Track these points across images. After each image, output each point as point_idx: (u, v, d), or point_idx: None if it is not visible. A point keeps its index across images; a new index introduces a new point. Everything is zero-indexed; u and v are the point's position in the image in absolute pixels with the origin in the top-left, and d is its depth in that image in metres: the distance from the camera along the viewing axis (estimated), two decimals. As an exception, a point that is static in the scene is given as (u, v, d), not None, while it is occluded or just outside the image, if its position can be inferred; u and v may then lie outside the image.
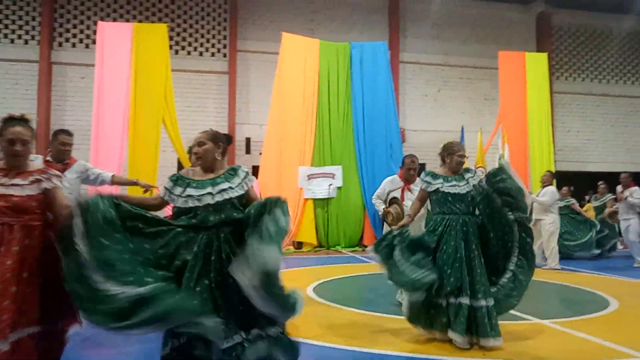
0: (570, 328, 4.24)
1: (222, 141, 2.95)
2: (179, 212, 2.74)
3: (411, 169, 5.21)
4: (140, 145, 9.98)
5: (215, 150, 2.86)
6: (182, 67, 13.02)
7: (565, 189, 10.31)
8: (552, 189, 8.41)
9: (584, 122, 15.85)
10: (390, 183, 5.30)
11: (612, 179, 13.90)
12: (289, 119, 11.32)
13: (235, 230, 2.67)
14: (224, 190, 2.73)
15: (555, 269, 7.92)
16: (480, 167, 9.20)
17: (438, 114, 14.66)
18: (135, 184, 4.76)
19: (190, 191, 2.72)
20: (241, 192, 2.77)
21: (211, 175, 2.82)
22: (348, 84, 12.02)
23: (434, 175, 4.00)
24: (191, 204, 2.68)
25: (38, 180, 2.60)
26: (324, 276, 7.42)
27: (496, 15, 15.40)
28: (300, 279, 7.34)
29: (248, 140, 13.19)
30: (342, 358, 3.58)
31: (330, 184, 11.15)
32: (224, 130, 13.17)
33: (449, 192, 3.88)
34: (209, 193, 2.70)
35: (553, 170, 12.78)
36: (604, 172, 15.58)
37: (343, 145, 11.70)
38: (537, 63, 13.28)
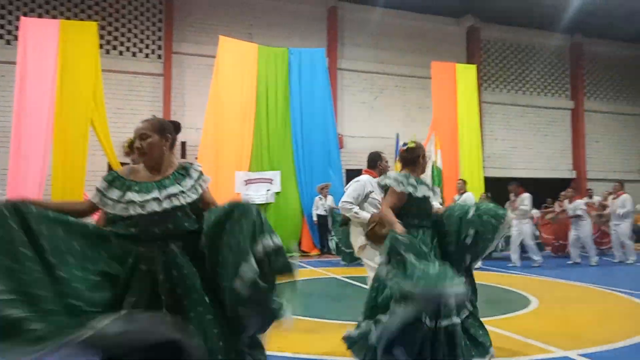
0: (495, 326, 4.44)
1: (170, 132, 2.45)
2: (113, 218, 2.26)
3: (385, 170, 4.50)
4: (66, 148, 9.46)
5: (162, 143, 2.36)
6: (114, 68, 12.52)
7: (482, 195, 10.96)
8: (470, 195, 8.97)
9: (509, 131, 16.77)
10: (370, 184, 4.37)
11: (536, 185, 14.78)
12: (226, 123, 11.16)
13: (187, 244, 2.24)
14: (173, 195, 2.26)
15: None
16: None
17: (374, 121, 14.99)
18: None
19: (131, 195, 2.22)
20: (194, 196, 2.32)
21: (157, 177, 2.33)
22: (286, 89, 12.04)
23: (417, 180, 3.35)
24: (132, 211, 2.19)
25: None
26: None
27: (430, 28, 16.01)
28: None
29: (183, 144, 12.86)
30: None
31: (268, 190, 11.10)
32: (158, 133, 12.75)
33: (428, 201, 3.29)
34: (155, 199, 2.22)
35: (482, 176, 13.46)
36: (528, 177, 16.57)
37: (281, 151, 11.69)
38: (467, 74, 13.93)
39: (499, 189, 12.54)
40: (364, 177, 4.46)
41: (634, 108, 18.81)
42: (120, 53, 12.93)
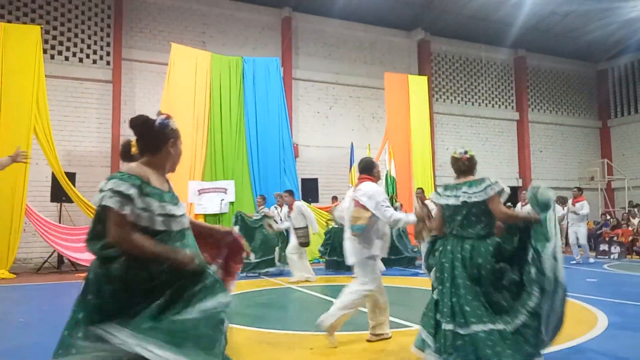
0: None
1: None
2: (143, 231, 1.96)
3: (379, 176, 4.55)
4: (5, 155, 8.95)
5: None
6: (60, 74, 12.03)
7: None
8: (429, 202, 9.18)
9: (459, 141, 17.30)
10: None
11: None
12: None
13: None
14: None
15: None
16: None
17: (329, 131, 15.10)
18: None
19: (170, 208, 2.01)
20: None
21: (166, 186, 2.14)
22: (240, 98, 11.93)
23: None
24: (175, 227, 1.99)
25: None
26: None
27: (382, 40, 16.34)
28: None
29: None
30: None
31: (222, 199, 10.91)
32: (106, 143, 12.34)
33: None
34: (184, 215, 2.08)
35: (433, 184, 13.78)
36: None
37: (235, 160, 11.55)
38: (418, 85, 14.30)
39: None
40: (373, 184, 4.35)
41: (573, 120, 19.87)
42: (66, 58, 12.44)
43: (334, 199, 12.35)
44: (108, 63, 12.76)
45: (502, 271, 3.16)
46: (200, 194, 10.91)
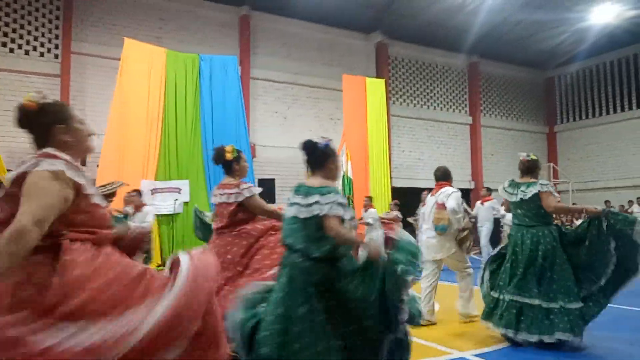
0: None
1: None
2: None
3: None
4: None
5: None
6: (4, 66, 11.46)
7: (391, 203, 11.57)
8: (374, 211, 9.61)
9: (415, 144, 17.64)
10: None
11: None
12: (130, 129, 10.59)
13: None
14: None
15: None
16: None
17: (287, 131, 15.04)
18: None
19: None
20: None
21: None
22: (197, 96, 11.69)
23: None
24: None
25: None
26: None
27: (341, 41, 16.44)
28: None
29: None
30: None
31: (176, 199, 10.65)
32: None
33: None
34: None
35: (389, 185, 13.99)
36: (431, 188, 17.48)
37: (190, 159, 11.30)
38: (376, 88, 14.47)
39: (405, 198, 13.10)
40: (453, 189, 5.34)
41: (523, 125, 20.66)
42: (11, 50, 11.83)
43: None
44: (56, 56, 12.23)
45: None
46: (153, 194, 10.60)
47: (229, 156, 3.69)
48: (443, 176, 5.43)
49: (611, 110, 19.33)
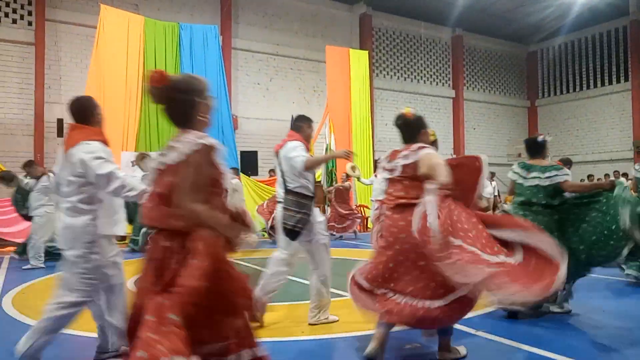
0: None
1: None
2: None
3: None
4: None
5: None
6: (-27, 33, 11.01)
7: (374, 175, 11.76)
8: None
9: (398, 117, 17.61)
10: None
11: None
12: (108, 99, 10.34)
13: None
14: None
15: None
16: None
17: (269, 103, 14.87)
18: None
19: None
20: None
21: None
22: (177, 66, 11.45)
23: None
24: None
25: None
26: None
27: (324, 12, 16.16)
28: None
29: (60, 121, 11.71)
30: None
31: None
32: (29, 110, 11.52)
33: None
34: None
35: (372, 158, 14.02)
36: (414, 161, 17.57)
37: (171, 130, 11.03)
38: (359, 59, 14.33)
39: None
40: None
41: (505, 99, 20.77)
42: (-19, 16, 11.37)
43: (272, 171, 12.28)
44: (30, 23, 11.79)
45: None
46: (134, 165, 10.45)
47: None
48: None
49: (591, 84, 19.53)
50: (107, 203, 2.97)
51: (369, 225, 14.05)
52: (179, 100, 2.01)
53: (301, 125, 3.99)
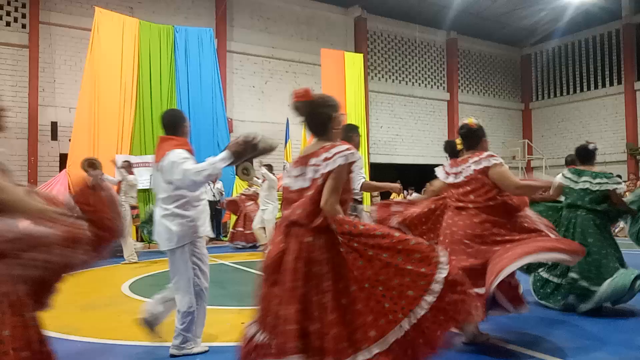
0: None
1: None
2: None
3: None
4: None
5: None
6: (-34, 36, 10.95)
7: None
8: None
9: (393, 119, 17.67)
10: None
11: (417, 170, 15.75)
12: (103, 102, 10.33)
13: None
14: None
15: None
16: None
17: (265, 106, 14.88)
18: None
19: None
20: None
21: None
22: (172, 69, 11.45)
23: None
24: None
25: None
26: (142, 272, 6.97)
27: (319, 15, 16.19)
28: (115, 275, 6.79)
29: (54, 124, 11.68)
30: (166, 356, 3.34)
31: (152, 174, 10.49)
32: (23, 112, 11.46)
33: None
34: None
35: (367, 161, 14.03)
36: (409, 164, 17.64)
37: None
38: (354, 62, 14.36)
39: (383, 174, 13.18)
40: None
41: (499, 102, 20.86)
42: (-26, 19, 11.32)
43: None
44: (24, 26, 11.75)
45: None
46: (119, 168, 10.42)
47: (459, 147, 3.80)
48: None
49: (585, 87, 19.64)
50: (199, 208, 3.28)
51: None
52: (318, 114, 2.39)
53: (351, 136, 4.15)
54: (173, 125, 3.34)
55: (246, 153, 2.88)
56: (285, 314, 2.11)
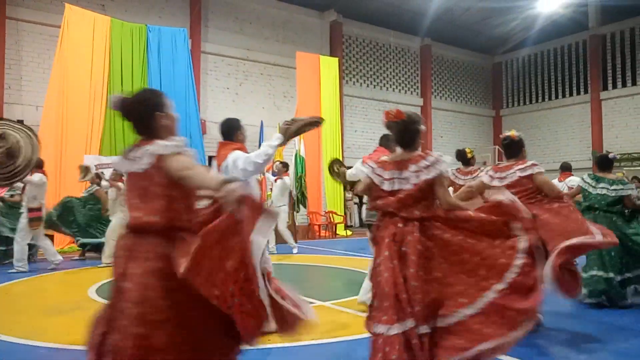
0: (345, 307, 4.73)
1: None
2: None
3: None
4: None
5: None
6: None
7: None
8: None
9: (367, 124, 17.78)
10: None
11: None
12: (72, 101, 10.09)
13: None
14: None
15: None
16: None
17: (239, 108, 14.76)
18: None
19: None
20: None
21: None
22: (144, 68, 11.27)
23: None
24: None
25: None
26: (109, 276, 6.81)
27: (295, 18, 16.20)
28: (82, 279, 6.61)
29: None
30: None
31: (122, 176, 10.29)
32: (-13, 110, 11.08)
33: None
34: None
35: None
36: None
37: (134, 135, 10.92)
38: (329, 66, 14.43)
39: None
40: None
41: (471, 108, 21.26)
42: (-64, 12, 10.89)
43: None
44: (-11, 21, 11.36)
45: None
46: (97, 169, 10.18)
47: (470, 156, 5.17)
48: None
49: (553, 96, 20.20)
50: None
51: (337, 232, 14.10)
52: (410, 130, 2.81)
53: (389, 145, 4.45)
54: (229, 132, 3.75)
55: (294, 129, 3.28)
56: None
